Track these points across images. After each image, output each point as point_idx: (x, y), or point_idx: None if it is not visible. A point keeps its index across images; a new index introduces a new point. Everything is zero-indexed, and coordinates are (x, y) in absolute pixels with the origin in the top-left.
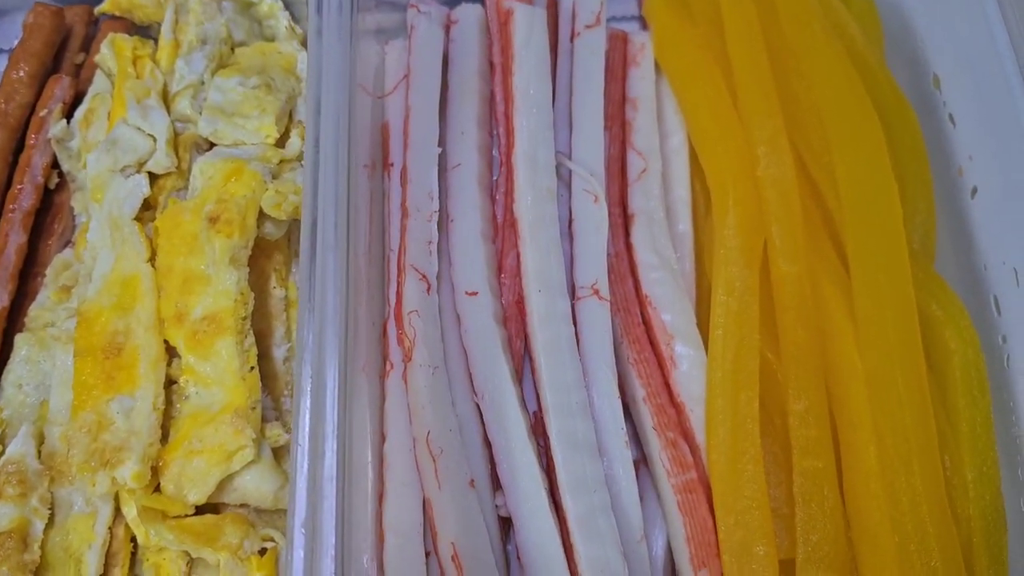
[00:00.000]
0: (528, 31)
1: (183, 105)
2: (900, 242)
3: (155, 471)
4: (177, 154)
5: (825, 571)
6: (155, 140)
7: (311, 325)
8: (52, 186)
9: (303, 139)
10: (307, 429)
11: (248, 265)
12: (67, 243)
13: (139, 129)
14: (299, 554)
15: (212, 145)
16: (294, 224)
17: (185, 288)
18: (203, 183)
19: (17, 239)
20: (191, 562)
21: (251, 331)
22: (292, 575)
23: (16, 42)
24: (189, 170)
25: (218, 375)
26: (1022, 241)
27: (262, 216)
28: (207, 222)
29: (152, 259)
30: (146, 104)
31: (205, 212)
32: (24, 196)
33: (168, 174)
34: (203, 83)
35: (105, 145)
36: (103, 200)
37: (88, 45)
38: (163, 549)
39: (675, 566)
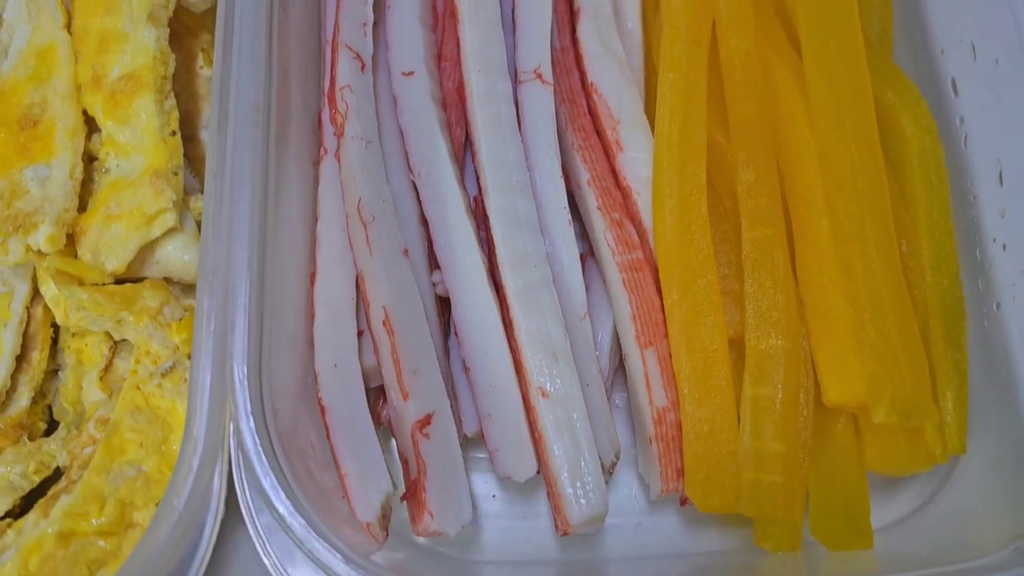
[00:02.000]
0: None
1: None
2: (854, 20)
3: (72, 240)
4: None
5: (775, 337)
6: None
7: (223, 106)
8: None
9: None
10: (225, 189)
11: (172, 45)
12: None
13: None
14: (210, 319)
15: None
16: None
17: (102, 48)
18: None
19: None
20: (114, 347)
21: (171, 93)
22: (203, 330)
23: None
24: None
25: (137, 139)
26: (977, 16)
27: None
28: None
29: (69, 26)
30: None
31: None
32: None
33: None
34: None
35: None
36: None
37: None
38: (85, 334)
39: (621, 349)
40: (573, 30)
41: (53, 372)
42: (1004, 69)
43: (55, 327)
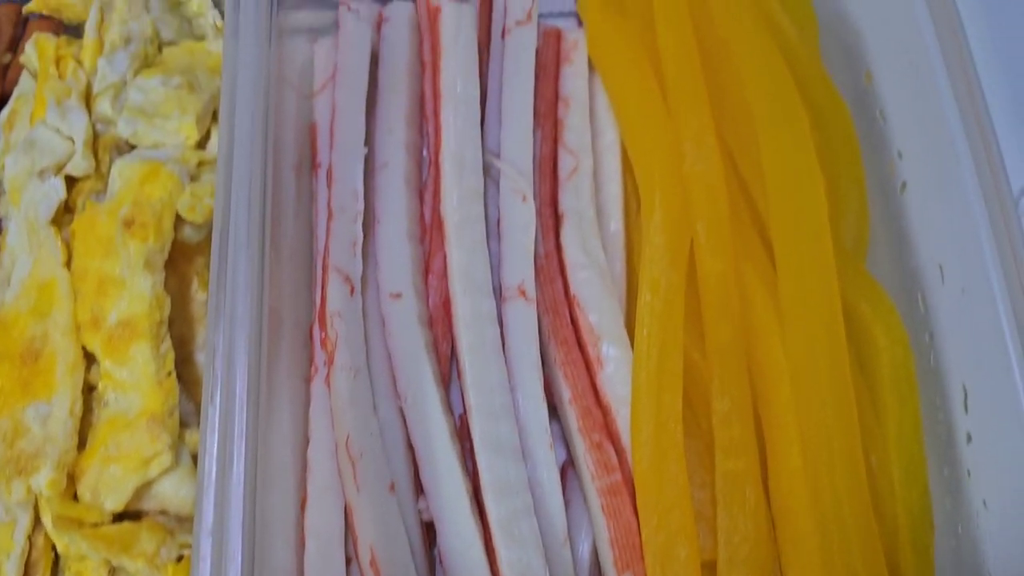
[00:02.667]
0: (456, 28)
1: (104, 106)
2: (825, 238)
3: (72, 479)
4: (96, 156)
5: (747, 572)
6: (74, 142)
7: (221, 327)
8: None
9: None
10: (215, 432)
11: (167, 269)
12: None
13: (58, 131)
14: (206, 564)
15: (133, 147)
16: None
17: (100, 292)
18: (120, 185)
19: None
20: (113, 571)
21: (167, 336)
22: None
23: None
24: (109, 173)
25: (135, 380)
26: (946, 237)
27: (180, 219)
28: (122, 225)
29: (69, 263)
30: (66, 105)
31: (120, 215)
32: None
33: (87, 177)
34: (125, 83)
35: (23, 146)
36: (20, 203)
37: (16, 45)
38: (84, 557)
39: (600, 569)
40: (557, 233)
41: None
42: (969, 298)
43: (55, 548)
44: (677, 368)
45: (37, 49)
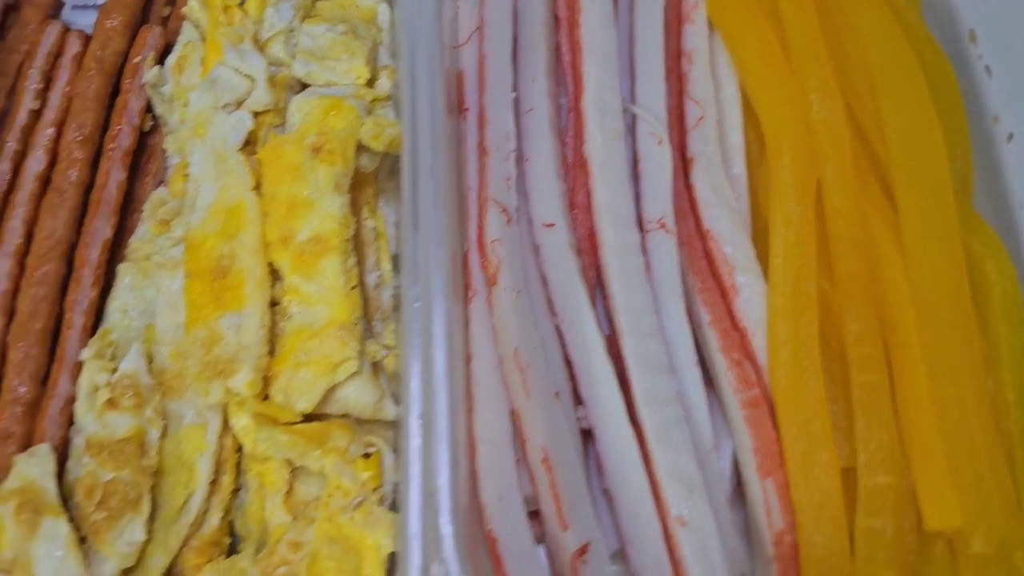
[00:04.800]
0: None
1: (276, 49)
2: (944, 179)
3: (264, 382)
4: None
5: (884, 474)
6: (253, 80)
7: (417, 245)
8: (146, 129)
9: (391, 80)
10: (417, 333)
11: None
12: (160, 182)
13: (237, 70)
14: (416, 443)
15: (304, 86)
16: (382, 160)
17: (290, 213)
18: (301, 119)
19: (118, 176)
20: (293, 471)
21: (354, 252)
22: (409, 464)
23: None
24: (284, 109)
25: (322, 293)
26: None
27: (358, 149)
28: (310, 152)
29: (256, 188)
30: (241, 48)
31: (307, 143)
32: (122, 137)
33: (266, 111)
34: (292, 30)
35: (205, 85)
36: (206, 135)
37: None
38: (267, 459)
39: (740, 476)
40: (686, 176)
41: (234, 491)
42: None
43: (238, 451)
44: (812, 292)
45: (202, 1)
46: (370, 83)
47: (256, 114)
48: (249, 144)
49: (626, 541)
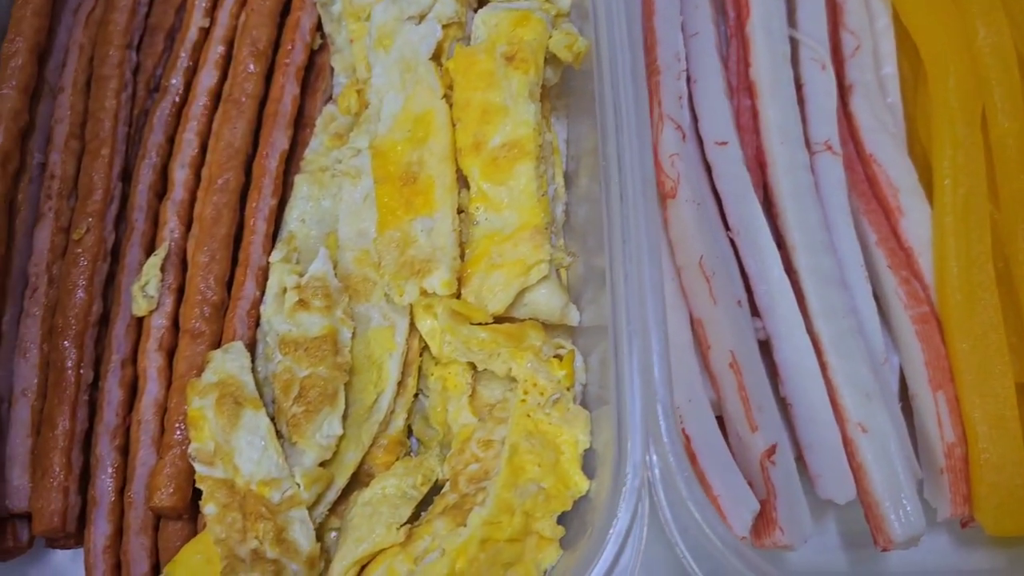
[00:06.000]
0: None
1: None
2: None
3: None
4: None
5: None
6: None
7: (618, 153)
8: (315, 47)
9: None
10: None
11: None
12: (328, 99)
13: None
14: (632, 344)
15: (480, 3)
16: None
17: (483, 119)
18: (487, 31)
19: (292, 90)
20: (474, 375)
21: (544, 158)
22: (625, 363)
23: None
24: (464, 24)
25: (513, 198)
26: None
27: (545, 60)
28: (503, 60)
29: (444, 96)
30: None
31: (500, 52)
32: (295, 53)
33: (449, 24)
34: None
35: None
36: (391, 47)
37: None
38: (450, 363)
39: (907, 389)
40: (845, 104)
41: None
42: None
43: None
44: (984, 211)
45: None
46: None
47: (443, 26)
48: (433, 56)
49: (805, 447)
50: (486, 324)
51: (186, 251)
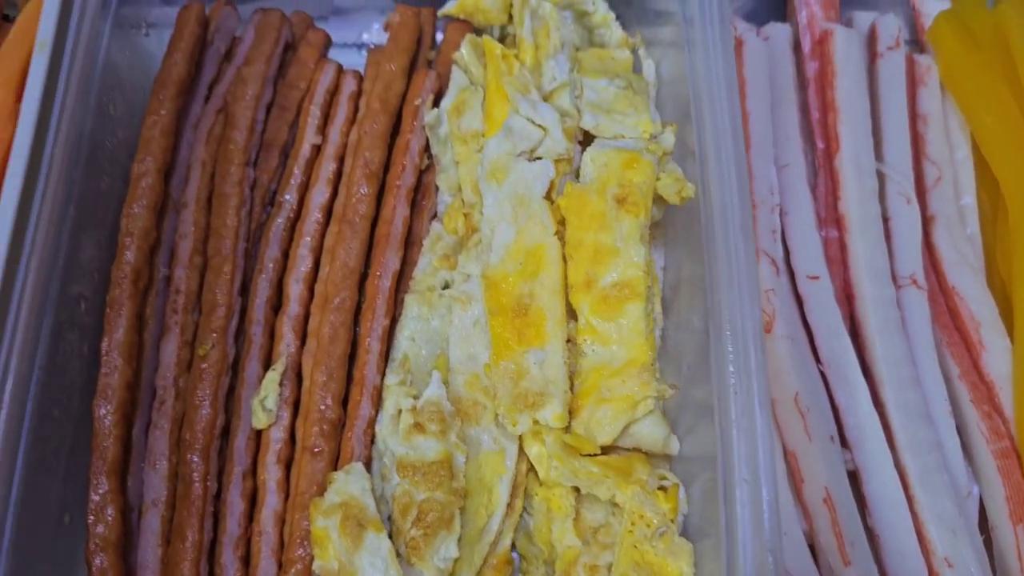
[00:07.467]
0: (847, 50)
1: (563, 101)
2: None
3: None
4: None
5: None
6: (545, 130)
7: (729, 291)
8: (423, 167)
9: (675, 135)
10: (735, 382)
11: None
12: (433, 216)
13: (530, 120)
14: (744, 484)
15: (586, 136)
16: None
17: (595, 259)
18: (596, 169)
19: (403, 212)
20: (578, 498)
21: (653, 297)
22: (737, 501)
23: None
24: (571, 158)
25: (621, 335)
26: None
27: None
28: (614, 202)
29: (555, 233)
30: (530, 98)
31: (610, 194)
32: (406, 175)
33: (559, 160)
34: (570, 82)
35: (503, 133)
36: (504, 180)
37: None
38: (555, 486)
39: (987, 521)
40: (927, 235)
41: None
42: None
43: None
44: None
45: (475, 48)
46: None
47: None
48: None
49: None
50: (594, 456)
51: (300, 365)
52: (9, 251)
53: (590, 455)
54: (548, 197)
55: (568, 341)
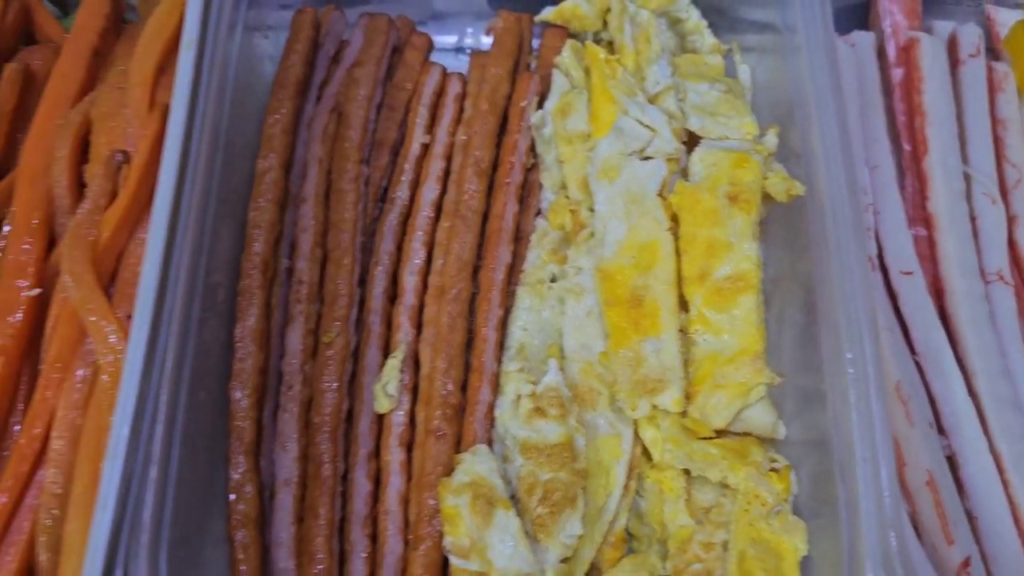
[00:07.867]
0: (933, 57)
1: (668, 103)
2: None
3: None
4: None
5: None
6: (654, 131)
7: (842, 286)
8: (528, 166)
9: (777, 137)
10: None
11: None
12: (537, 213)
13: (639, 121)
14: (867, 465)
15: (691, 137)
16: None
17: (709, 253)
18: (706, 169)
19: (512, 208)
20: (688, 479)
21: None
22: (859, 481)
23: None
24: (678, 158)
25: (734, 325)
26: None
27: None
28: (726, 200)
29: (669, 228)
30: (637, 101)
31: (722, 192)
32: (515, 173)
33: (669, 159)
34: (673, 86)
35: (614, 134)
36: (616, 179)
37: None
38: (667, 468)
39: None
40: (1010, 234)
41: None
42: None
43: None
44: None
45: (576, 53)
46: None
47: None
48: None
49: (990, 558)
50: (710, 439)
51: (417, 353)
52: (167, 236)
53: (705, 439)
54: (659, 195)
55: (681, 331)
